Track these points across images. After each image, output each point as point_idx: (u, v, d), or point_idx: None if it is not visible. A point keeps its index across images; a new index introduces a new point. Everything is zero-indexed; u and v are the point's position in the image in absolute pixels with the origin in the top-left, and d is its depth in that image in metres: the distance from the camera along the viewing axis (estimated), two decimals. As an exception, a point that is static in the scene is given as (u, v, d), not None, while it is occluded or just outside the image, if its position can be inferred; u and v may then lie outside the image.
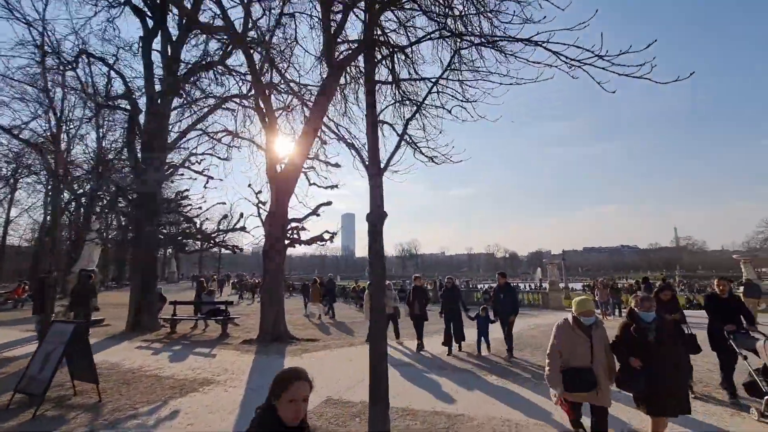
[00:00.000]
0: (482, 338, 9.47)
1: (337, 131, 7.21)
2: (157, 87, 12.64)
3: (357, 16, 9.73)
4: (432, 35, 5.72)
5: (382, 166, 4.72)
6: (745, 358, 4.84)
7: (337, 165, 13.38)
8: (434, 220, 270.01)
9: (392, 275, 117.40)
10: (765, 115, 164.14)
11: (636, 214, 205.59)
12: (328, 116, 10.55)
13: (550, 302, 22.52)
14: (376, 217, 4.49)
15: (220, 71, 13.73)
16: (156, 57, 12.76)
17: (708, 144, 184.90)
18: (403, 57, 7.60)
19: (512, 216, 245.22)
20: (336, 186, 13.51)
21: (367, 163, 4.72)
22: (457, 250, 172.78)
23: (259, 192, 13.48)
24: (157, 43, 12.90)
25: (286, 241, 11.95)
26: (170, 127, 13.47)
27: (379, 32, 7.93)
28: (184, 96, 13.52)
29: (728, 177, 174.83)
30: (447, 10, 5.87)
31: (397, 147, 4.79)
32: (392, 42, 8.02)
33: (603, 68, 3.85)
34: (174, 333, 12.23)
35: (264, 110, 11.62)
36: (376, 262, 4.38)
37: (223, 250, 17.21)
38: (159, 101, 12.29)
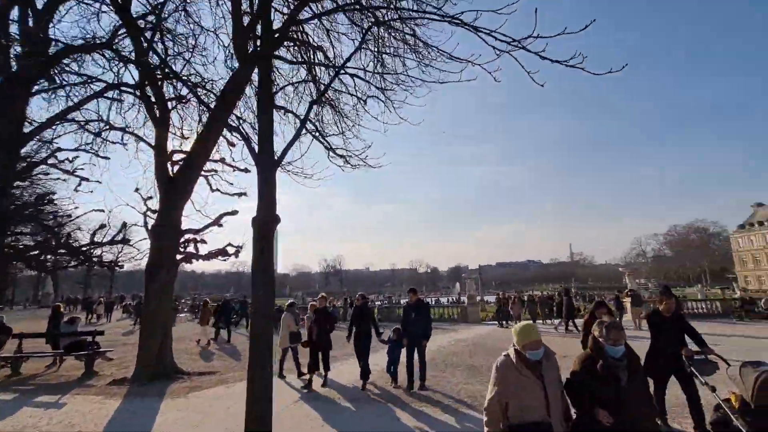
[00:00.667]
0: (392, 366, 8.06)
1: (235, 122, 6.00)
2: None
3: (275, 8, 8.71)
4: (345, 8, 4.93)
5: (277, 157, 3.70)
6: (713, 389, 3.82)
7: (246, 170, 11.86)
8: (359, 235, 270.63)
9: (315, 292, 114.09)
10: (643, 147, 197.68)
11: (540, 231, 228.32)
12: (235, 114, 9.20)
13: (469, 316, 22.90)
14: (265, 222, 3.44)
15: (107, 55, 11.49)
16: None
17: (599, 168, 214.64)
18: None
19: (435, 232, 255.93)
20: (244, 194, 11.98)
21: (256, 151, 3.65)
22: (381, 265, 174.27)
23: (149, 198, 11.39)
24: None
25: (178, 256, 10.09)
26: (32, 116, 10.82)
27: (295, 28, 7.01)
28: (51, 81, 11.00)
29: (615, 198, 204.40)
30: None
31: (298, 134, 3.84)
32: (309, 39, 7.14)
33: (537, 53, 3.37)
34: (16, 375, 9.46)
35: (154, 102, 9.82)
36: (260, 278, 3.29)
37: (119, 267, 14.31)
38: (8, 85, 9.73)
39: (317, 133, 5.94)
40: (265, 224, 3.35)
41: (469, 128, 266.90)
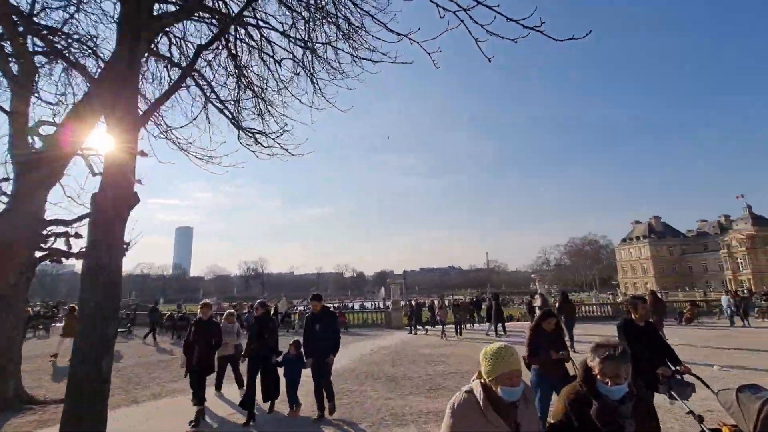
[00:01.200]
0: (292, 390, 6.46)
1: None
2: None
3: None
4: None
5: (142, 112, 2.62)
6: (701, 420, 3.02)
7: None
8: (286, 238, 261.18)
9: (233, 296, 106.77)
10: (544, 167, 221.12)
11: (461, 239, 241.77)
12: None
13: (392, 321, 22.61)
14: (115, 199, 2.36)
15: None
16: None
17: (511, 183, 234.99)
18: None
19: (362, 237, 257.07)
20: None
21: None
22: (307, 269, 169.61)
23: (5, 180, 8.97)
24: None
25: (39, 253, 8.00)
26: None
27: None
28: None
29: (522, 211, 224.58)
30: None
31: (178, 84, 2.80)
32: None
33: (490, 7, 2.80)
34: None
35: (10, 54, 7.70)
36: (89, 282, 2.20)
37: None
38: None
39: (215, 98, 4.86)
40: (111, 206, 2.26)
41: (398, 139, 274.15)
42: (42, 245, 8.11)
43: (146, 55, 5.80)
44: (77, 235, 9.00)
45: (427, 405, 6.87)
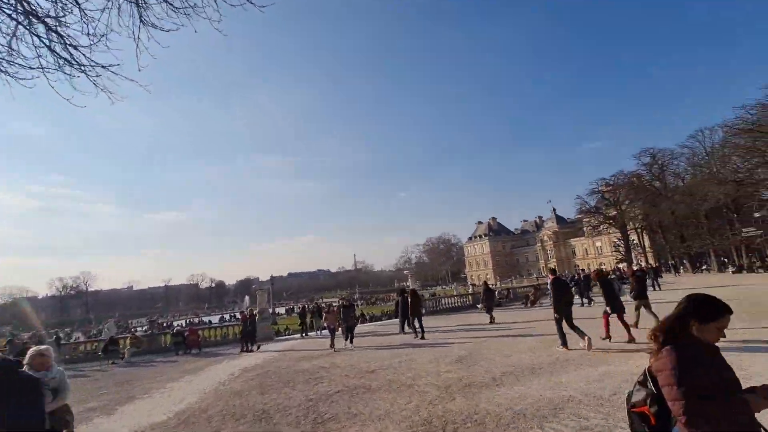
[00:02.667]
0: None
1: None
2: None
3: None
4: None
5: None
6: None
7: None
8: (126, 250, 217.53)
9: (47, 322, 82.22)
10: (402, 176, 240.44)
11: (329, 243, 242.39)
12: None
13: (260, 332, 19.51)
14: None
15: None
16: None
17: (375, 188, 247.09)
18: None
19: (222, 244, 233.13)
20: None
21: None
22: (152, 282, 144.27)
23: None
24: None
25: None
26: None
27: None
28: None
29: (386, 213, 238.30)
30: None
31: None
32: None
33: None
34: None
35: None
36: None
37: None
38: None
39: None
40: None
41: (262, 139, 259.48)
42: None
43: None
44: None
45: (316, 451, 4.88)
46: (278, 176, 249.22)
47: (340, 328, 15.08)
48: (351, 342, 13.31)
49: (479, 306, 17.56)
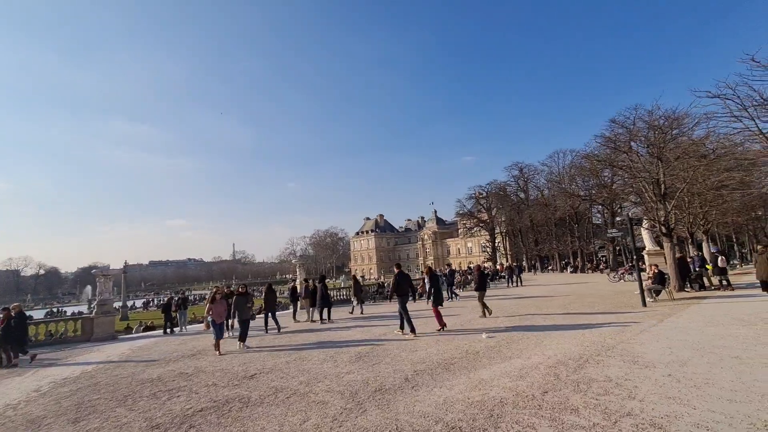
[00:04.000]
0: None
1: None
2: None
3: None
4: None
5: None
6: None
7: None
8: None
9: None
10: (291, 166, 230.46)
11: (202, 230, 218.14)
12: None
13: (98, 330, 15.11)
14: None
15: None
16: None
17: (260, 177, 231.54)
18: None
19: (59, 223, 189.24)
20: None
21: None
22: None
23: None
24: None
25: None
26: None
27: None
28: None
29: (273, 206, 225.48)
30: None
31: None
32: None
33: None
34: None
35: None
36: None
37: None
38: None
39: None
40: None
41: (132, 105, 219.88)
42: None
43: None
44: None
45: None
46: (146, 149, 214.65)
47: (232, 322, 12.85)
48: (244, 341, 10.38)
49: (353, 300, 17.37)
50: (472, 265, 41.92)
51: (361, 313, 16.23)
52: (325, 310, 14.56)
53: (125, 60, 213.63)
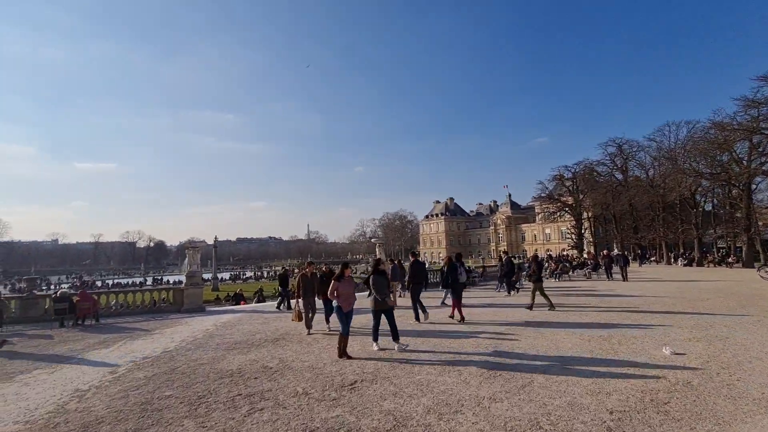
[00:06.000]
0: None
1: None
2: None
3: None
4: None
5: None
6: None
7: None
8: (46, 199, 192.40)
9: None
10: (359, 150, 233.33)
11: (281, 210, 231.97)
12: None
13: (188, 301, 14.93)
14: None
15: None
16: None
17: (329, 161, 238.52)
18: None
19: (163, 203, 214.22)
20: None
21: None
22: (80, 237, 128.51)
23: None
24: None
25: None
26: None
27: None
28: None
29: (337, 189, 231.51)
30: None
31: None
32: None
33: None
34: None
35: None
36: None
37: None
38: None
39: None
40: None
41: (215, 94, 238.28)
42: None
43: None
44: None
45: None
46: (230, 136, 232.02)
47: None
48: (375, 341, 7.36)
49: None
50: (552, 253, 37.22)
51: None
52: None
53: (211, 55, 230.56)
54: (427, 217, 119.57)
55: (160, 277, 60.95)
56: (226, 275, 65.98)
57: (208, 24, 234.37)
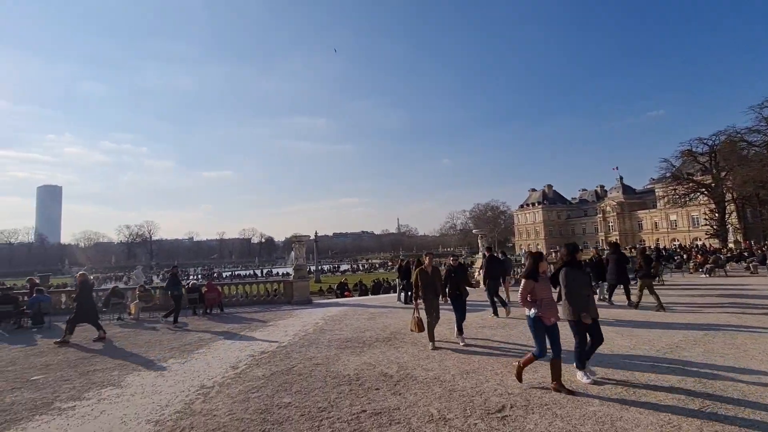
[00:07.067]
0: None
1: None
2: None
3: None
4: None
5: None
6: None
7: None
8: (183, 204, 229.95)
9: (112, 267, 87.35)
10: (445, 140, 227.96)
11: (371, 206, 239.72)
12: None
13: (296, 293, 15.37)
14: None
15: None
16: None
17: (415, 155, 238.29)
18: None
19: (269, 202, 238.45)
20: None
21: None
22: (207, 235, 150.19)
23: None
24: None
25: None
26: None
27: None
28: None
29: (424, 183, 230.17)
30: None
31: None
32: None
33: None
34: None
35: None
36: None
37: None
38: None
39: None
40: None
41: (305, 102, 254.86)
42: None
43: None
44: None
45: None
46: (322, 139, 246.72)
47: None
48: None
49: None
50: (678, 243, 30.75)
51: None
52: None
53: (298, 65, 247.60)
54: (521, 206, 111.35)
55: (269, 270, 67.15)
56: (324, 267, 69.95)
57: (295, 37, 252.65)
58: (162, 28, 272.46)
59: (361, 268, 71.84)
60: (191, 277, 52.53)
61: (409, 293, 13.65)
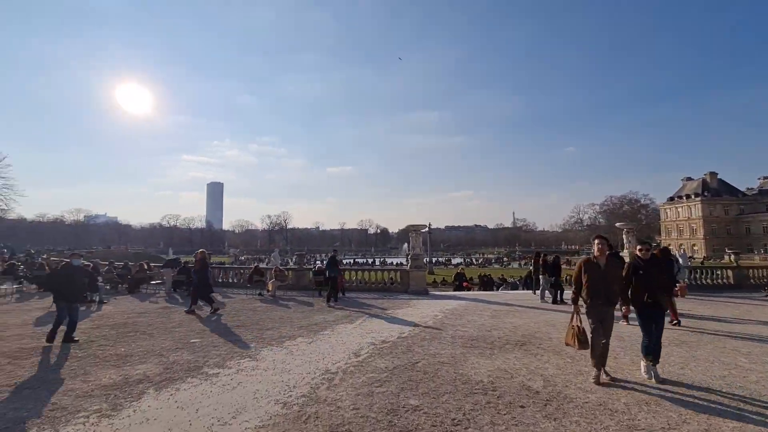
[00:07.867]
0: None
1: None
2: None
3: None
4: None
5: None
6: None
7: None
8: (310, 196, 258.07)
9: (259, 250, 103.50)
10: (570, 127, 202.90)
11: (485, 199, 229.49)
12: None
13: (412, 283, 15.03)
14: None
15: None
16: None
17: (535, 145, 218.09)
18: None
19: (383, 195, 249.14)
20: None
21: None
22: (331, 225, 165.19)
23: None
24: None
25: None
26: None
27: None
28: None
29: (545, 174, 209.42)
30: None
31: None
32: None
33: None
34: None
35: None
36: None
37: None
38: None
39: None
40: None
41: (421, 96, 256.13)
42: None
43: None
44: None
45: None
46: (435, 132, 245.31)
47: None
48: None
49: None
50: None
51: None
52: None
53: (414, 61, 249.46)
54: (671, 199, 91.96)
55: (383, 259, 69.80)
56: (434, 260, 69.42)
57: (412, 35, 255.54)
58: (298, 42, 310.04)
59: (474, 262, 69.17)
60: (317, 263, 58.25)
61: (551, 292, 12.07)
